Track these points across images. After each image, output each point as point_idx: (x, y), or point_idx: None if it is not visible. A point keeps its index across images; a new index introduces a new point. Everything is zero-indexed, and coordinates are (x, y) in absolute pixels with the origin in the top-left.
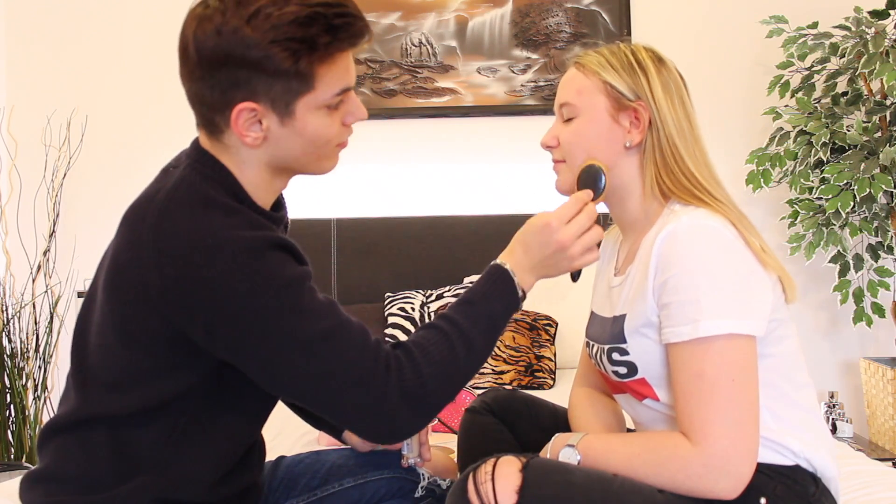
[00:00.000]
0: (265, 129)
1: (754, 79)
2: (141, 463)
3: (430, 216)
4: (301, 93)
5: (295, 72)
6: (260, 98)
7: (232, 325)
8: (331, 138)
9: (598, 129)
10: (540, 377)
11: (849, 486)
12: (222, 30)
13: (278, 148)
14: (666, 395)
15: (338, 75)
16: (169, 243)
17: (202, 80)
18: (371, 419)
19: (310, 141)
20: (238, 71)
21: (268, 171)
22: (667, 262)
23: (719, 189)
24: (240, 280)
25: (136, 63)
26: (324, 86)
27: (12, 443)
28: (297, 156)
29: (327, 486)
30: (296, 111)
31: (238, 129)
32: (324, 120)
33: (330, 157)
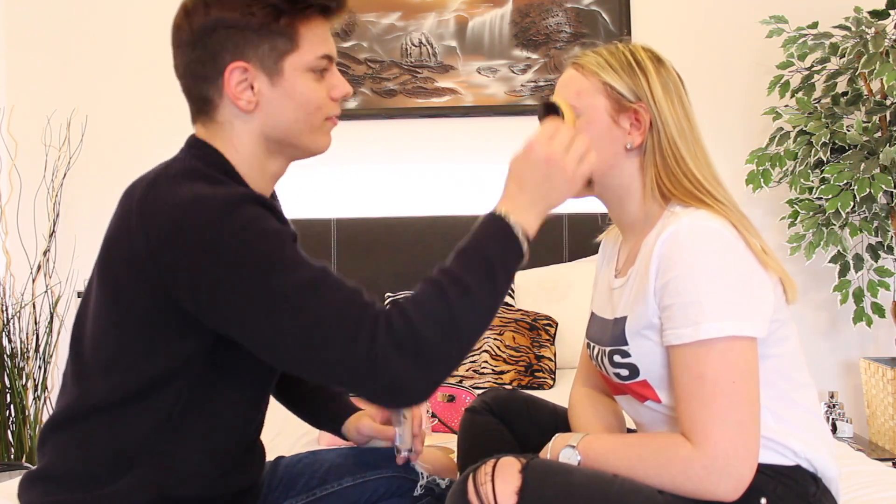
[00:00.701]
0: (257, 93)
1: (754, 79)
2: (137, 455)
3: (430, 216)
4: (286, 51)
5: (278, 30)
6: (249, 58)
7: (214, 279)
8: (320, 104)
9: (598, 131)
10: (540, 377)
11: (849, 486)
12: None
13: (270, 113)
14: (667, 396)
15: (318, 38)
16: (153, 207)
17: (194, 53)
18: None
19: (300, 104)
20: (226, 34)
21: (262, 146)
22: (668, 263)
23: (721, 190)
24: (219, 231)
25: (136, 63)
26: (307, 45)
27: (12, 443)
28: (289, 122)
29: (326, 486)
30: (284, 70)
31: (231, 90)
32: (311, 84)
33: (321, 130)
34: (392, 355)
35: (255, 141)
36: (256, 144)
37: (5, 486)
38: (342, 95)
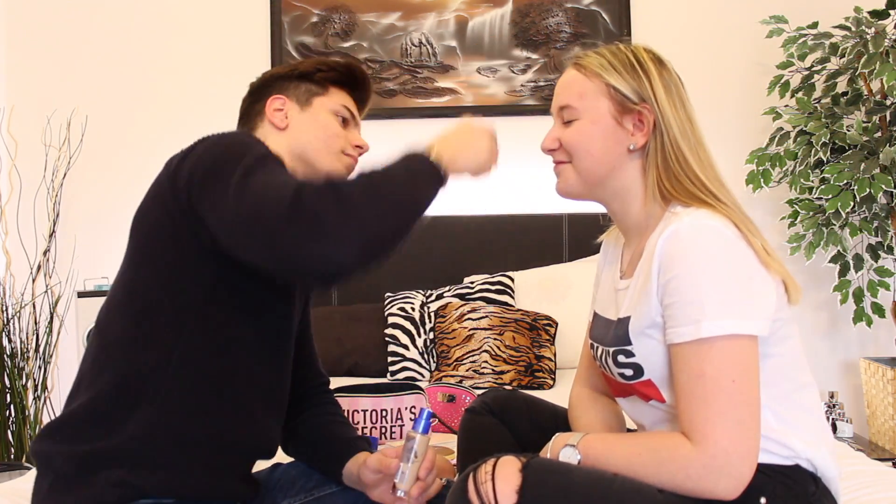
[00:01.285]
0: (288, 117)
1: (754, 79)
2: (143, 392)
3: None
4: (317, 94)
5: (314, 80)
6: (288, 94)
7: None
8: (339, 134)
9: (601, 131)
10: (540, 377)
11: (849, 486)
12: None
13: (297, 132)
14: (671, 396)
15: (345, 98)
16: (179, 154)
17: (248, 101)
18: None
19: (321, 127)
20: (273, 81)
21: (287, 158)
22: (669, 262)
23: (724, 191)
24: (220, 141)
25: (136, 63)
26: (334, 96)
27: (12, 443)
28: (311, 140)
29: (324, 487)
30: (313, 103)
31: (269, 113)
32: (333, 121)
33: (337, 158)
34: (315, 199)
35: (283, 153)
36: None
37: (5, 486)
38: (359, 144)
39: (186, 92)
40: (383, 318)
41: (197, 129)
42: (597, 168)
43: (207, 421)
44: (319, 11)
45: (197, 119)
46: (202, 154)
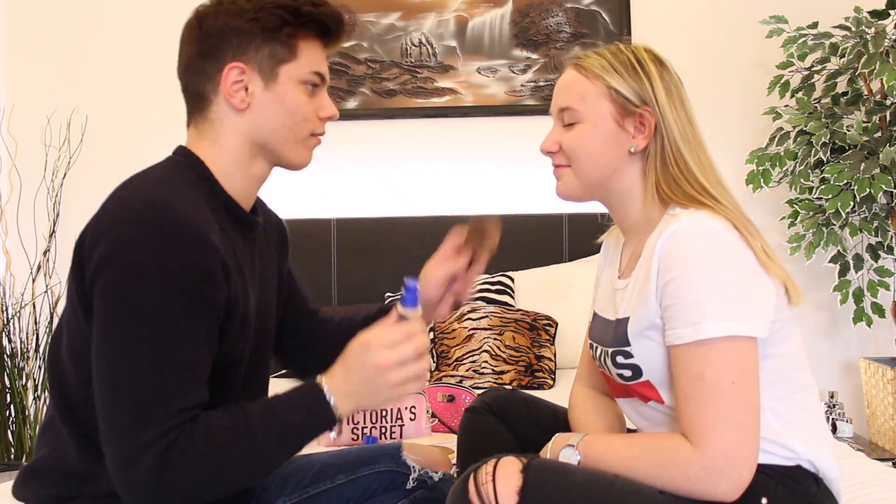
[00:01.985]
0: (250, 94)
1: (754, 79)
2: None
3: (430, 216)
4: (284, 59)
5: (279, 38)
6: (248, 60)
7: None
8: (307, 117)
9: (602, 135)
10: (540, 377)
11: (849, 486)
12: (223, 3)
13: (260, 115)
14: (670, 397)
15: (315, 56)
16: (111, 204)
17: (198, 50)
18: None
19: (288, 111)
20: (231, 35)
21: (247, 147)
22: (668, 264)
23: (724, 193)
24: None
25: (136, 63)
26: (303, 59)
27: (12, 443)
28: (276, 127)
29: (319, 484)
30: (279, 76)
31: (226, 88)
32: (302, 96)
33: (304, 144)
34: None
35: (242, 141)
36: (242, 145)
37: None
38: (328, 116)
39: None
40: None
41: None
42: (598, 172)
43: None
44: None
45: None
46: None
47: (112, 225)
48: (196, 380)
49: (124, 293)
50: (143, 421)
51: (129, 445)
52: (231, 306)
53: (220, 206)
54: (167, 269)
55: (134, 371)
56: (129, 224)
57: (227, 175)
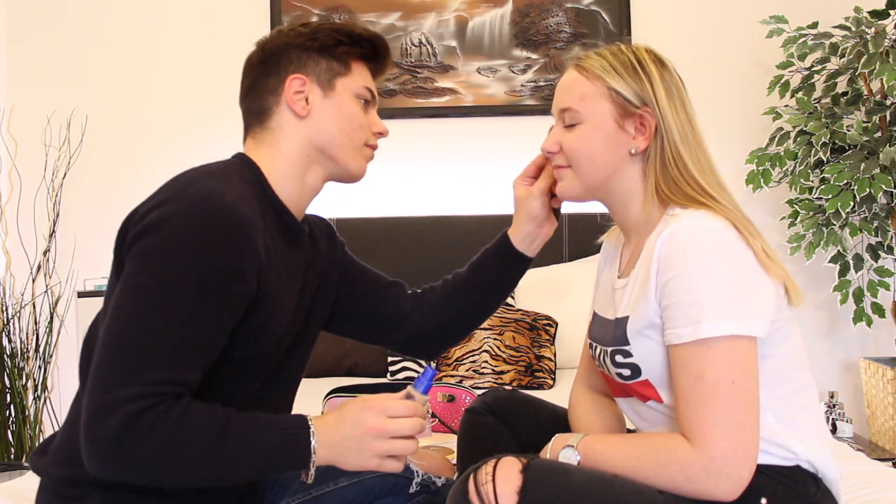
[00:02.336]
0: (310, 103)
1: (754, 79)
2: None
3: (430, 216)
4: (340, 73)
5: (335, 55)
6: (308, 72)
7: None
8: (362, 125)
9: (602, 136)
10: (540, 377)
11: (849, 486)
12: (282, 29)
13: (319, 121)
14: (669, 396)
15: (366, 75)
16: (169, 192)
17: (262, 69)
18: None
19: (345, 118)
20: (292, 52)
21: (305, 152)
22: (668, 263)
23: (724, 194)
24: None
25: (136, 63)
26: (356, 75)
27: (12, 443)
28: (334, 132)
29: (322, 486)
30: (336, 87)
31: (289, 96)
32: (357, 107)
33: (360, 152)
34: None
35: (301, 146)
36: (301, 149)
37: (5, 487)
38: (380, 132)
39: (186, 92)
40: None
41: (196, 129)
42: (598, 173)
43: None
44: (319, 11)
45: (197, 119)
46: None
47: (164, 201)
48: (191, 360)
49: (156, 257)
50: (127, 378)
51: (105, 399)
52: (260, 302)
53: (270, 208)
54: (202, 250)
55: (137, 328)
56: (180, 203)
57: (281, 180)
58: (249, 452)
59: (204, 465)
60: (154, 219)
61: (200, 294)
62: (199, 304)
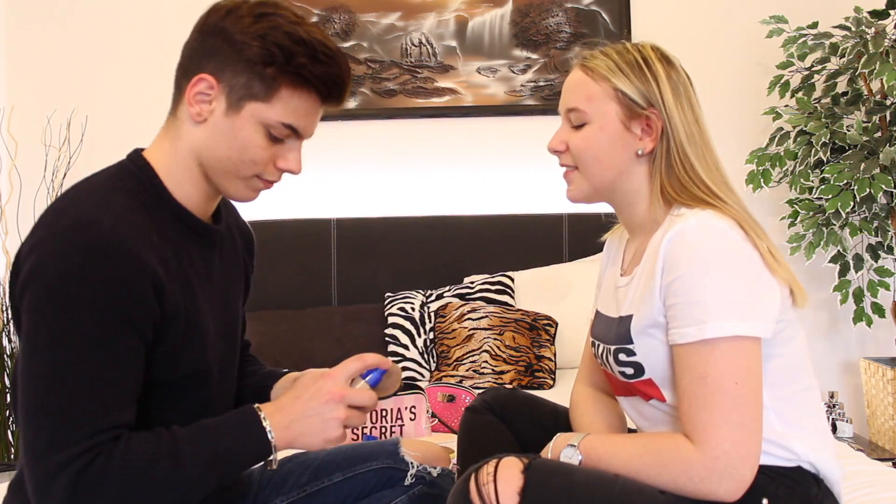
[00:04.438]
0: (210, 112)
1: (754, 79)
2: None
3: (430, 216)
4: (256, 97)
5: (261, 74)
6: (223, 79)
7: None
8: (256, 160)
9: (609, 137)
10: (540, 377)
11: (849, 486)
12: (232, 11)
13: (210, 136)
14: (672, 395)
15: (295, 109)
16: (45, 219)
17: (195, 42)
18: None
19: (238, 147)
20: (220, 45)
21: (193, 161)
22: (674, 262)
23: (730, 194)
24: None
25: (136, 63)
26: (278, 107)
27: (12, 443)
28: (220, 156)
29: (317, 482)
30: (243, 110)
31: (189, 95)
32: (260, 139)
33: (246, 184)
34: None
35: (190, 153)
36: (189, 156)
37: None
38: (286, 169)
39: None
40: (383, 318)
41: None
42: (605, 174)
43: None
44: (319, 11)
45: None
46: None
47: (39, 240)
48: (118, 400)
49: (45, 310)
50: (58, 443)
51: (44, 467)
52: (169, 320)
53: (168, 214)
54: (87, 286)
55: (50, 391)
56: (55, 239)
57: (178, 183)
58: (207, 463)
59: (167, 493)
60: (32, 266)
61: (100, 332)
62: (103, 345)
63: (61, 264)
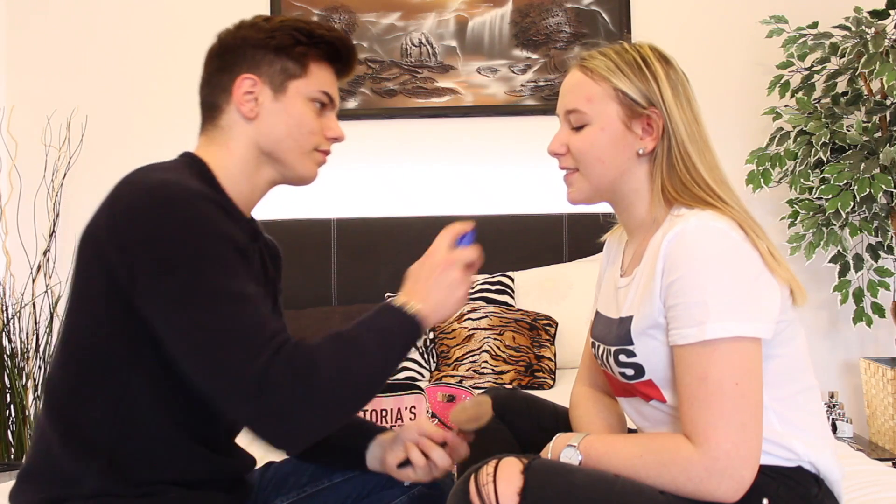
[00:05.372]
0: (259, 104)
1: (754, 79)
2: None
3: (430, 216)
4: (294, 75)
5: (292, 55)
6: (261, 72)
7: (151, 260)
8: (313, 130)
9: (610, 138)
10: (540, 377)
11: (849, 486)
12: (243, 23)
13: (267, 124)
14: (672, 396)
15: (324, 77)
16: (122, 190)
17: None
18: (251, 393)
19: (294, 122)
20: (247, 49)
21: (254, 154)
22: (674, 263)
23: (730, 193)
24: (170, 218)
25: (136, 63)
26: (313, 77)
27: (12, 443)
28: (282, 136)
29: (317, 483)
30: (288, 90)
31: (237, 96)
32: (309, 111)
33: (309, 157)
34: (285, 382)
35: (249, 147)
36: (249, 151)
37: (5, 487)
38: (334, 137)
39: (187, 92)
40: None
41: (196, 129)
42: (607, 174)
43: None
44: (319, 11)
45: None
46: (150, 238)
47: (129, 205)
48: (268, 312)
49: (169, 262)
50: (252, 349)
51: (251, 374)
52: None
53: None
54: (193, 226)
55: (220, 317)
56: (147, 200)
57: (230, 178)
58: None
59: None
60: (133, 234)
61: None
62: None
63: (163, 219)
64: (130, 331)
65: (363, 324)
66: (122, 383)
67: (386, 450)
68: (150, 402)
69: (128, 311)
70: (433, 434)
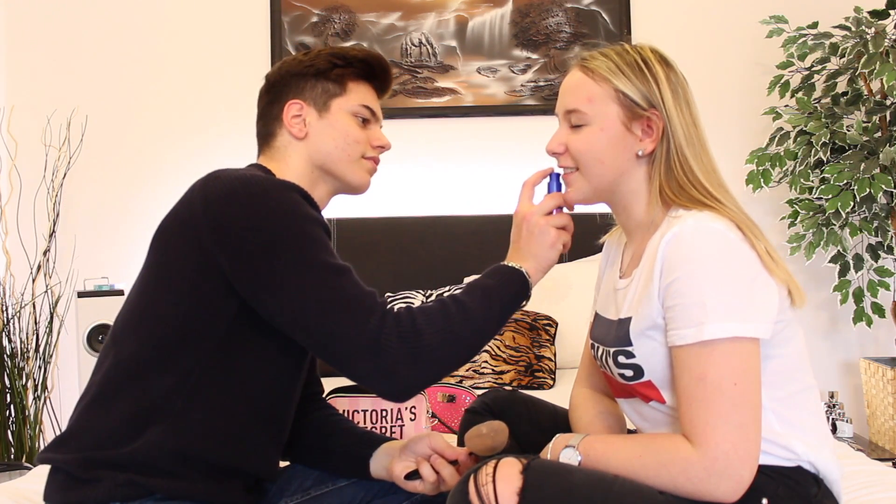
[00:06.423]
0: (307, 124)
1: (754, 79)
2: (156, 413)
3: (430, 216)
4: (335, 94)
5: (331, 77)
6: (305, 97)
7: (255, 243)
8: (358, 139)
9: (609, 139)
10: (540, 377)
11: (849, 486)
12: (285, 60)
13: (316, 141)
14: (672, 397)
15: (364, 93)
16: (215, 180)
17: (267, 98)
18: (367, 352)
19: (340, 134)
20: (290, 80)
21: (309, 169)
22: (672, 264)
23: (727, 195)
24: (268, 203)
25: (136, 63)
26: (352, 94)
27: (12, 443)
28: (330, 149)
29: (321, 486)
30: (331, 108)
31: (287, 120)
32: (353, 123)
33: (358, 164)
34: (395, 342)
35: (304, 163)
36: (305, 166)
37: (5, 487)
38: (380, 145)
39: (186, 92)
40: None
41: (196, 128)
42: (606, 174)
43: (214, 446)
44: (319, 11)
45: (196, 119)
46: (253, 222)
47: (227, 195)
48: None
49: (272, 244)
50: (362, 313)
51: (367, 334)
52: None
53: (304, 196)
54: (289, 211)
55: (331, 289)
56: (242, 190)
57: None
58: (482, 297)
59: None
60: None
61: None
62: (328, 248)
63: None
64: (211, 308)
65: (469, 285)
66: (195, 357)
67: (394, 459)
68: (217, 377)
69: (214, 290)
70: (445, 451)
